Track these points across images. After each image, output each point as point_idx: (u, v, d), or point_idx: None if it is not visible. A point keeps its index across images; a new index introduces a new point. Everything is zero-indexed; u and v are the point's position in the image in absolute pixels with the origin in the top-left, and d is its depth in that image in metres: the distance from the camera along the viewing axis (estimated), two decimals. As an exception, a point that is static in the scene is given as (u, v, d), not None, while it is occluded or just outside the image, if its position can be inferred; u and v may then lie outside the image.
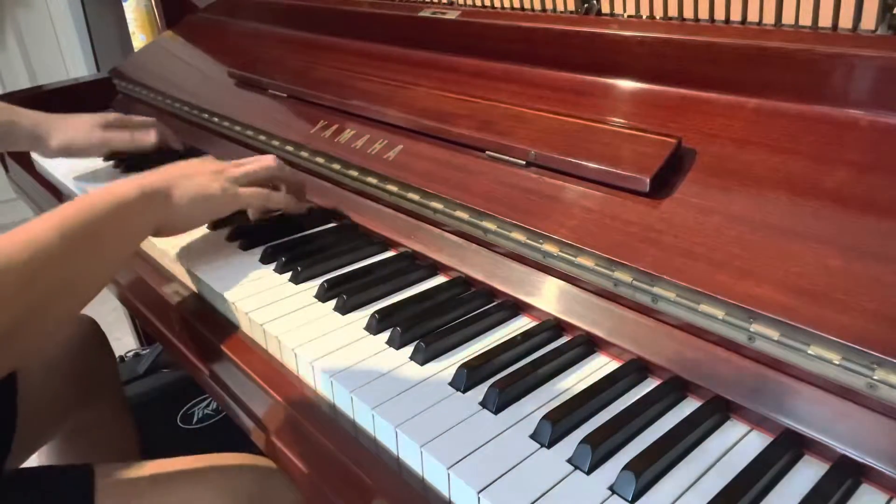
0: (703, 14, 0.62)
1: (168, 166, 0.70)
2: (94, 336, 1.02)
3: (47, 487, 0.65)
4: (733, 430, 0.46)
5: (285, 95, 0.96)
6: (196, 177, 0.69)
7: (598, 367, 0.53)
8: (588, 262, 0.55)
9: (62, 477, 0.66)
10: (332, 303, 0.62)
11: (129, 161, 1.01)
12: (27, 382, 0.85)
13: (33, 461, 0.91)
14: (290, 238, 0.75)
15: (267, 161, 0.75)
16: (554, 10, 0.74)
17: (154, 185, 0.65)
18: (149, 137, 1.00)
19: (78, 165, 1.03)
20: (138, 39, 1.59)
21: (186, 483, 0.67)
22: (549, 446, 0.45)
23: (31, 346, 0.54)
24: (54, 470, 0.68)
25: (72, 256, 0.55)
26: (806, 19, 0.56)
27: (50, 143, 0.97)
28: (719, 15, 0.61)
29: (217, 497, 0.66)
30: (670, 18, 0.65)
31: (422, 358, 0.54)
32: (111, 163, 1.03)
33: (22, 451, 0.85)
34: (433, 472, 0.44)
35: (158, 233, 0.67)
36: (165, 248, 0.75)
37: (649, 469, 0.42)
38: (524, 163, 0.65)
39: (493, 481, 0.42)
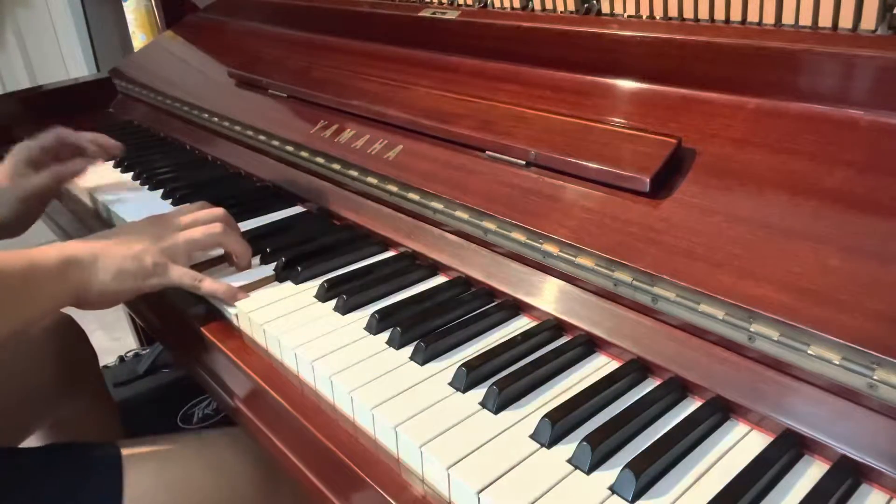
0: (703, 14, 0.62)
1: (108, 232, 0.65)
2: (71, 329, 1.02)
3: (76, 458, 0.65)
4: (733, 430, 0.46)
5: (285, 95, 0.96)
6: (130, 246, 0.63)
7: (598, 367, 0.53)
8: (588, 262, 0.55)
9: (91, 450, 0.66)
10: (332, 303, 0.62)
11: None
12: (5, 375, 0.85)
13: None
14: (291, 238, 0.75)
15: (215, 228, 0.67)
16: (554, 10, 0.74)
17: (77, 254, 0.60)
18: (73, 167, 0.87)
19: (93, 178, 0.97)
20: (138, 39, 1.59)
21: (209, 446, 0.67)
22: (549, 446, 0.45)
23: None
24: (80, 445, 0.68)
25: None
26: (806, 19, 0.56)
27: None
28: (719, 15, 0.61)
29: (240, 455, 0.66)
30: (670, 18, 0.65)
31: (422, 358, 0.54)
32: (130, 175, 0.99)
33: (7, 442, 0.85)
34: (433, 472, 0.44)
35: (80, 304, 0.61)
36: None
37: (649, 469, 0.42)
38: (524, 163, 0.65)
39: (493, 481, 0.42)
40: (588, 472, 0.43)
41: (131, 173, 0.99)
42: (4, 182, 0.84)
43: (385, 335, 0.57)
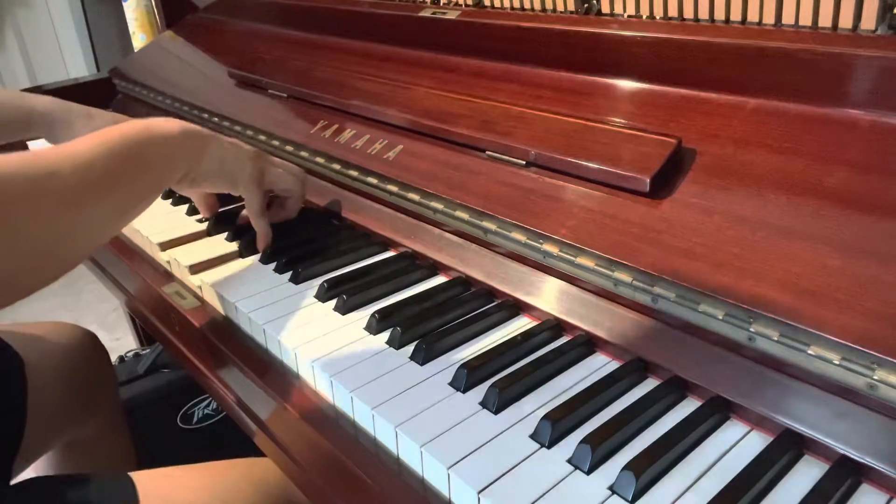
0: (703, 14, 0.62)
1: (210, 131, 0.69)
2: (95, 351, 1.02)
3: (90, 493, 0.64)
4: (733, 430, 0.46)
5: (285, 95, 0.96)
6: (237, 147, 0.69)
7: (598, 367, 0.53)
8: (588, 262, 0.55)
9: (106, 483, 0.66)
10: (332, 303, 0.62)
11: None
12: (33, 389, 0.85)
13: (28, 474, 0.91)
14: (291, 238, 0.75)
15: (298, 185, 0.75)
16: (554, 10, 0.74)
17: (198, 131, 0.65)
18: None
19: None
20: (138, 39, 1.59)
21: (221, 481, 0.67)
22: (549, 446, 0.45)
23: (68, 266, 0.53)
24: (95, 477, 0.68)
25: (116, 178, 0.54)
26: (806, 19, 0.56)
27: (68, 134, 0.92)
28: (719, 15, 0.61)
29: (249, 492, 0.67)
30: (670, 18, 0.65)
31: (422, 358, 0.54)
32: None
33: (22, 459, 0.84)
34: (433, 472, 0.44)
35: (183, 179, 0.65)
36: (167, 251, 0.75)
37: (649, 469, 0.42)
38: (524, 163, 0.65)
39: (493, 481, 0.42)
40: (588, 472, 0.43)
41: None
42: None
43: (385, 335, 0.57)
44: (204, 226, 0.80)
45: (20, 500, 0.63)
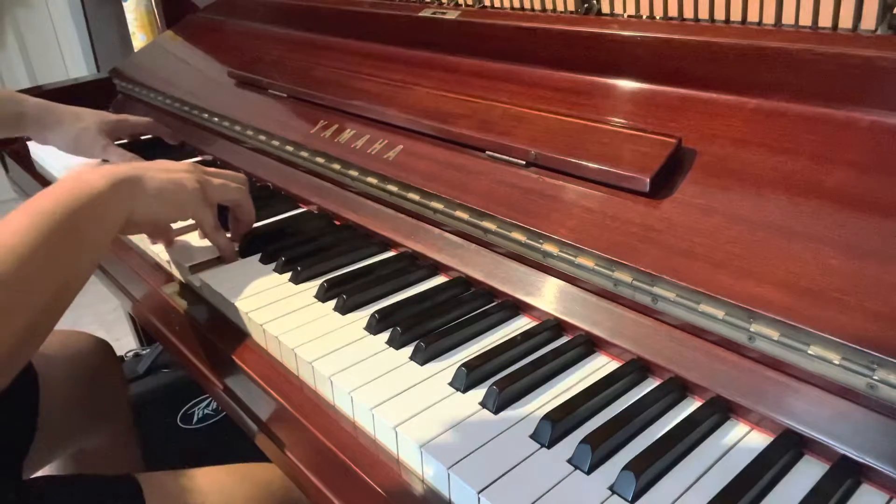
0: (703, 14, 0.62)
1: (142, 162, 0.67)
2: (107, 360, 1.01)
3: (95, 494, 0.64)
4: (733, 430, 0.46)
5: (285, 95, 0.96)
6: (171, 171, 0.66)
7: (598, 367, 0.53)
8: (588, 262, 0.55)
9: (111, 484, 0.65)
10: (332, 303, 0.62)
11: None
12: (45, 396, 0.85)
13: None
14: (291, 238, 0.75)
15: (242, 186, 0.73)
16: (554, 10, 0.74)
17: (125, 174, 0.62)
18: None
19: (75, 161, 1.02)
20: (138, 39, 1.59)
21: (226, 484, 0.67)
22: (549, 446, 0.45)
23: (34, 350, 0.53)
24: (100, 478, 0.68)
25: (56, 257, 0.53)
26: (806, 19, 0.56)
27: (54, 137, 0.97)
28: (719, 15, 0.61)
29: (253, 495, 0.67)
30: (670, 18, 0.65)
31: (422, 358, 0.54)
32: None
33: (29, 465, 0.84)
34: (433, 471, 0.44)
35: (127, 225, 0.63)
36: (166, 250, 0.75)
37: (649, 469, 0.42)
38: (524, 163, 0.65)
39: (493, 481, 0.42)
40: (588, 472, 0.43)
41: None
42: (100, 134, 0.98)
43: (385, 335, 0.57)
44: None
45: (23, 498, 0.63)
